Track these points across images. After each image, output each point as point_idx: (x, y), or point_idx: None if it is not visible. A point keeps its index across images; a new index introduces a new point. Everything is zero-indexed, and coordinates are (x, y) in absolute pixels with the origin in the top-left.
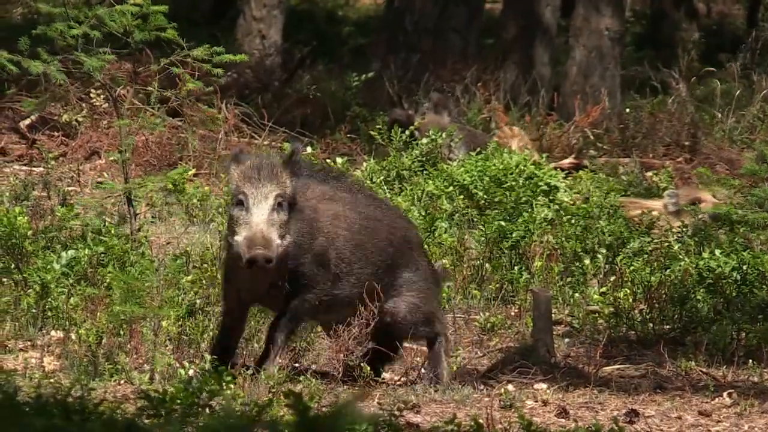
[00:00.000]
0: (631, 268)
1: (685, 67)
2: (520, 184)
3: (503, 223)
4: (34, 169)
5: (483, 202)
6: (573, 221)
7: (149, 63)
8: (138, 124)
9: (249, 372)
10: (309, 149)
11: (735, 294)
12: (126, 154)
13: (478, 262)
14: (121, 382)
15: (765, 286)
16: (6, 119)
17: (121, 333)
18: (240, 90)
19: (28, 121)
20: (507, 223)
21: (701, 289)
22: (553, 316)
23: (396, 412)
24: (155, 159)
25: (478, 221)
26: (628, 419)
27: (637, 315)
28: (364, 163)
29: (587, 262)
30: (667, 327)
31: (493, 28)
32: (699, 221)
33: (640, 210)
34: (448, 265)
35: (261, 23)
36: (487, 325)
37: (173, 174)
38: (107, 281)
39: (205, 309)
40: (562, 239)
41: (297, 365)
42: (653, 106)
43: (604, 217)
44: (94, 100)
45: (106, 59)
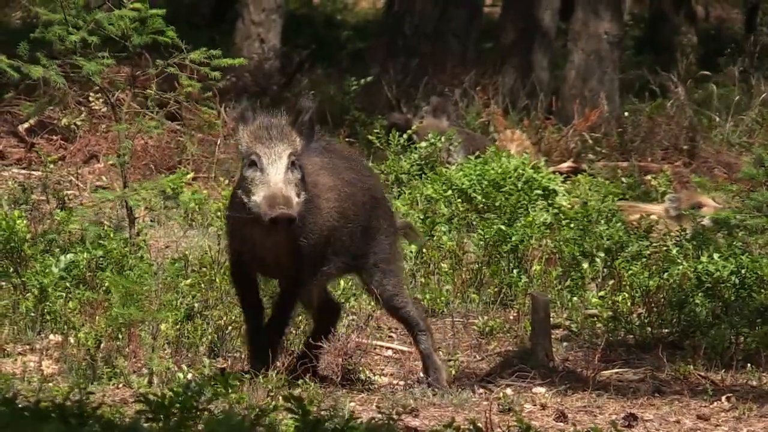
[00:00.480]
0: (630, 272)
1: (684, 71)
2: (519, 188)
3: (502, 227)
4: (33, 172)
5: (482, 205)
6: (571, 225)
7: (148, 67)
8: (136, 127)
9: (247, 375)
10: None
11: (733, 298)
12: (125, 158)
13: (477, 265)
14: (120, 385)
15: (763, 290)
16: (5, 123)
17: (120, 337)
18: (238, 94)
19: (26, 125)
20: (506, 227)
21: (700, 293)
22: (551, 320)
23: (395, 416)
24: (154, 163)
25: (477, 225)
26: (627, 423)
27: (636, 319)
28: None
29: (586, 266)
30: (666, 331)
31: (492, 31)
32: (698, 225)
33: (640, 214)
34: (446, 269)
35: (260, 27)
36: (486, 328)
37: (171, 179)
38: (106, 285)
39: (204, 313)
40: (560, 243)
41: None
42: (652, 109)
43: (602, 221)
44: (93, 103)
45: (105, 63)
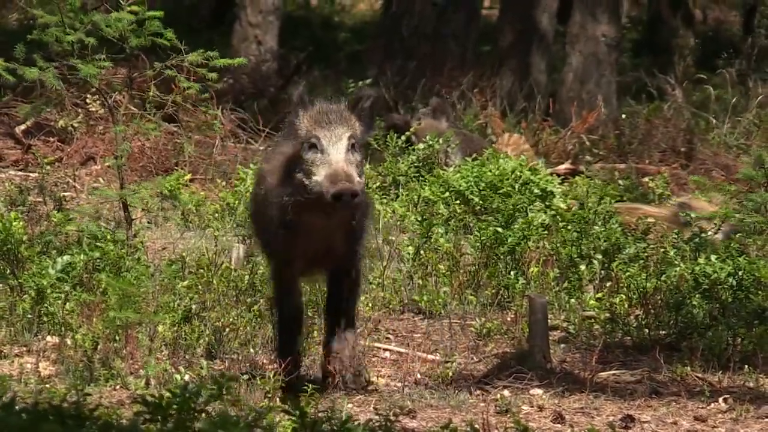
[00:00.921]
0: (627, 273)
1: (681, 73)
2: (516, 190)
3: (499, 229)
4: (30, 174)
5: (479, 207)
6: (569, 227)
7: (145, 68)
8: (134, 129)
9: (245, 376)
10: None
11: (731, 300)
12: (122, 160)
13: (474, 267)
14: (117, 387)
15: (761, 292)
16: (2, 125)
17: (117, 338)
18: (236, 95)
19: (23, 127)
20: (503, 229)
21: (697, 295)
22: (549, 321)
23: (392, 418)
24: (151, 164)
25: (475, 227)
26: (624, 425)
27: (633, 320)
28: None
29: (583, 267)
30: (663, 332)
31: (490, 34)
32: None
33: (648, 218)
34: (444, 271)
35: (257, 29)
36: (483, 330)
37: (169, 180)
38: (103, 287)
39: (201, 314)
40: (558, 245)
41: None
42: (649, 112)
43: (599, 223)
44: (90, 105)
45: (102, 65)
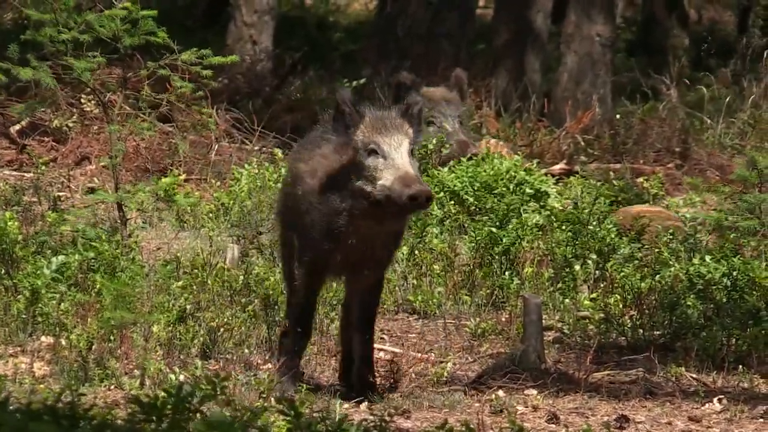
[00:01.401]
0: (622, 274)
1: (676, 73)
2: (511, 190)
3: (494, 229)
4: (25, 174)
5: (473, 207)
6: (563, 227)
7: (139, 68)
8: (128, 129)
9: (241, 379)
10: None
11: (725, 300)
12: (116, 160)
13: (469, 267)
14: (112, 387)
15: (755, 292)
16: None
17: (112, 338)
18: (231, 95)
19: (18, 127)
20: (497, 229)
21: (691, 295)
22: (543, 321)
23: (386, 418)
24: (146, 164)
25: (469, 227)
26: (619, 425)
27: (628, 321)
28: None
29: (578, 268)
30: (658, 333)
31: (484, 34)
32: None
33: (669, 221)
34: (438, 271)
35: (252, 29)
36: (478, 330)
37: (165, 182)
38: (98, 287)
39: (196, 314)
40: (552, 245)
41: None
42: (644, 112)
43: (594, 223)
44: (85, 105)
45: (97, 61)
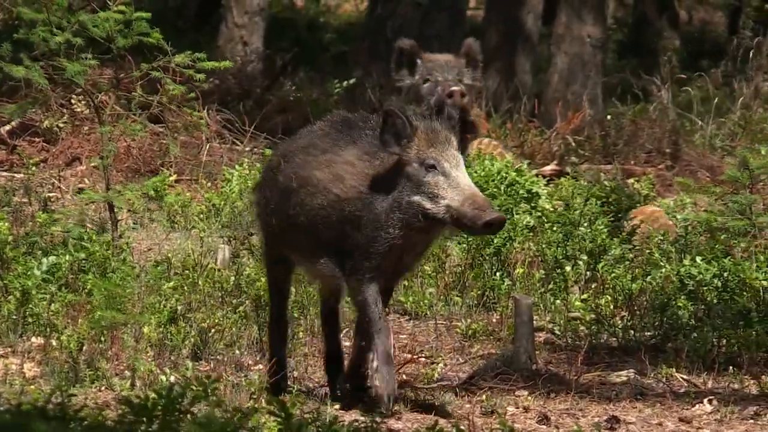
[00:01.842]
0: (613, 275)
1: (667, 74)
2: (502, 191)
3: None
4: (15, 174)
5: None
6: (554, 228)
7: (131, 69)
8: (119, 130)
9: (231, 377)
10: None
11: (716, 301)
12: (107, 161)
13: (460, 268)
14: (102, 388)
15: (746, 293)
16: None
17: (102, 339)
18: (222, 96)
19: (8, 127)
20: None
21: (682, 296)
22: (534, 322)
23: (377, 419)
24: (137, 165)
25: None
26: (609, 426)
27: (618, 322)
28: None
29: (569, 269)
30: (648, 334)
31: (475, 35)
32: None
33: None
34: (429, 272)
35: (243, 30)
36: (469, 331)
37: (155, 181)
38: (88, 287)
39: (187, 315)
40: (543, 246)
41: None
42: (635, 113)
43: (585, 224)
44: (76, 106)
45: (89, 64)
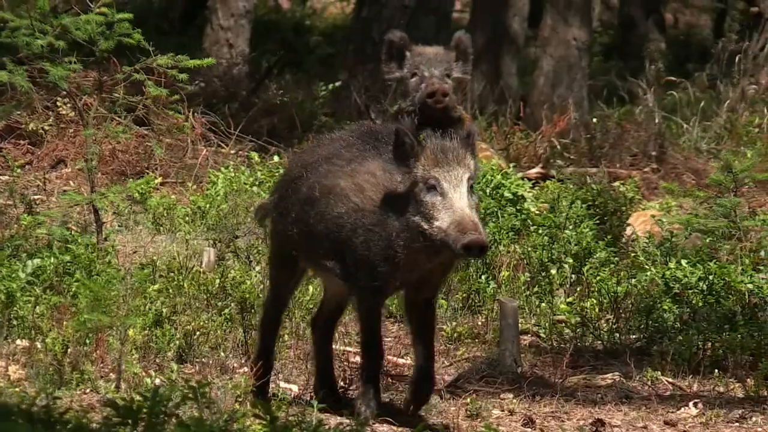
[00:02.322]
0: (598, 278)
1: (653, 77)
2: (487, 194)
3: None
4: (0, 177)
5: None
6: (540, 231)
7: (115, 71)
8: (104, 132)
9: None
10: (276, 158)
11: (701, 304)
12: (92, 163)
13: None
14: (87, 391)
15: (731, 297)
16: None
17: (87, 342)
18: (207, 99)
19: None
20: None
21: (667, 300)
22: (519, 325)
23: (362, 422)
24: (122, 167)
25: None
26: (595, 429)
27: (604, 325)
28: None
29: (554, 272)
30: (634, 337)
31: None
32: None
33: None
34: None
35: (228, 32)
36: (454, 334)
37: (139, 183)
38: (73, 290)
39: (172, 318)
40: (528, 249)
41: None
42: (620, 116)
43: (570, 227)
44: (60, 108)
45: (72, 68)
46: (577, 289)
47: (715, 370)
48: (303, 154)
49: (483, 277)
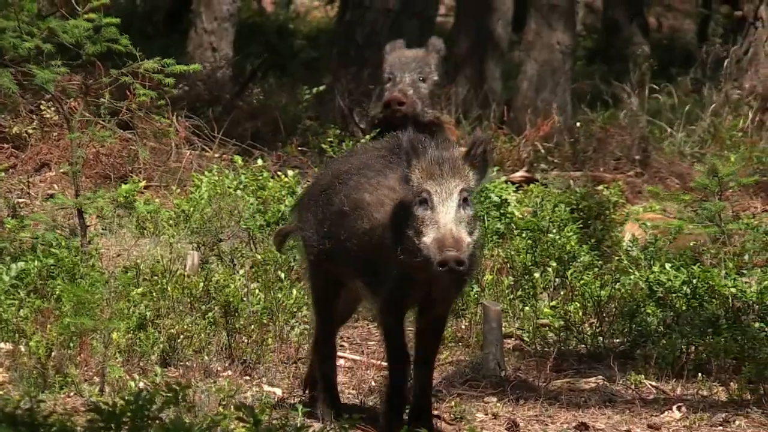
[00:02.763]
0: (582, 281)
1: (637, 81)
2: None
3: None
4: None
5: None
6: (523, 235)
7: (100, 75)
8: (89, 136)
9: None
10: (260, 161)
11: (685, 308)
12: (77, 167)
13: None
14: (71, 394)
15: (714, 300)
16: None
17: (71, 345)
18: (191, 102)
19: None
20: None
21: (651, 303)
22: (503, 329)
23: (345, 425)
24: (106, 171)
25: None
26: None
27: (588, 329)
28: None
29: (537, 275)
30: (617, 341)
31: (445, 41)
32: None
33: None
34: None
35: (212, 36)
36: None
37: (125, 189)
38: (57, 293)
39: (156, 321)
40: (512, 252)
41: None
42: (604, 120)
43: (554, 231)
44: (45, 112)
45: (59, 71)
46: (561, 293)
47: (699, 374)
48: (334, 163)
49: None
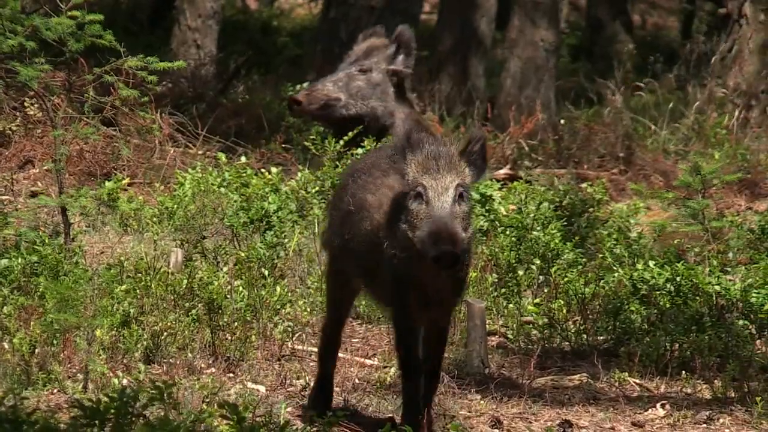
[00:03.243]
0: (566, 279)
1: (620, 78)
2: None
3: None
4: None
5: None
6: (507, 232)
7: (84, 72)
8: (72, 133)
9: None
10: (243, 158)
11: (669, 305)
12: (60, 164)
13: None
14: (55, 391)
15: (698, 298)
16: None
17: (55, 342)
18: (175, 99)
19: None
20: None
21: (635, 301)
22: (487, 326)
23: (331, 420)
24: (90, 168)
25: None
26: (562, 430)
27: (571, 326)
28: (299, 173)
29: (521, 273)
30: (601, 338)
31: (428, 39)
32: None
33: None
34: None
35: (196, 33)
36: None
37: (110, 187)
38: (41, 290)
39: (139, 318)
40: (496, 250)
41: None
42: (588, 117)
43: (538, 228)
44: (28, 109)
45: (42, 69)
46: (545, 290)
47: (683, 372)
48: (355, 162)
49: None
